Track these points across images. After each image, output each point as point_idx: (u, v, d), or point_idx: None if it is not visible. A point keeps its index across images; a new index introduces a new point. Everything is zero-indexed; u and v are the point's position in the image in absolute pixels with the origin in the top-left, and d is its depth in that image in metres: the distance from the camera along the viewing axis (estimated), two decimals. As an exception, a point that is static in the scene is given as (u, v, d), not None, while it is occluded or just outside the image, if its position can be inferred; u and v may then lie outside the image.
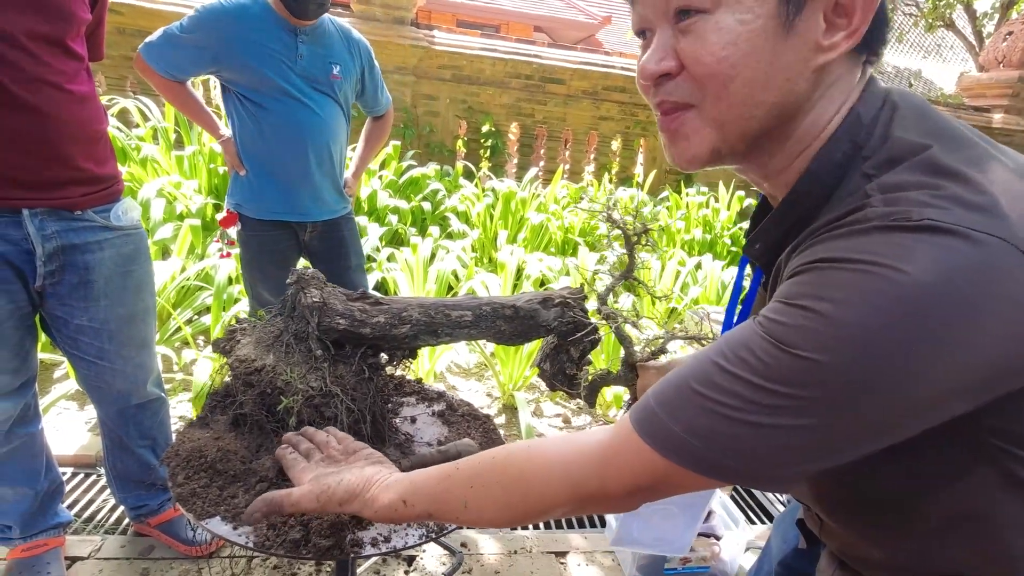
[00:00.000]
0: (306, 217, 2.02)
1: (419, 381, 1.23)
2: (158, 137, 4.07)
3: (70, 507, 1.87)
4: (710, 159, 0.59)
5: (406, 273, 3.18)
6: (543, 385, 3.10)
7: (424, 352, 2.67)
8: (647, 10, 0.58)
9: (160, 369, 1.64)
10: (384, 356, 1.06)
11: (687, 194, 5.37)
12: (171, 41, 1.82)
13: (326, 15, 1.92)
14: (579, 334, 1.11)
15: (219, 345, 0.94)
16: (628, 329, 1.13)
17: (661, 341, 1.12)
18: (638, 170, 6.14)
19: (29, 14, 1.16)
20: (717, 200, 5.39)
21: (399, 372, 1.13)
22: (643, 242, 1.13)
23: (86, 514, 1.86)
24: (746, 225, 4.90)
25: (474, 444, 0.97)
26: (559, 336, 1.16)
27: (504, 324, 1.08)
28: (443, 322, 1.04)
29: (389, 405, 1.07)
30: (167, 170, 3.83)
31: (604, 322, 1.11)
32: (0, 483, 1.44)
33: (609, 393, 2.69)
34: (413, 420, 1.10)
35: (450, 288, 3.29)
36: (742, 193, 5.36)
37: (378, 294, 1.14)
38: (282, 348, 0.91)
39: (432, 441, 1.03)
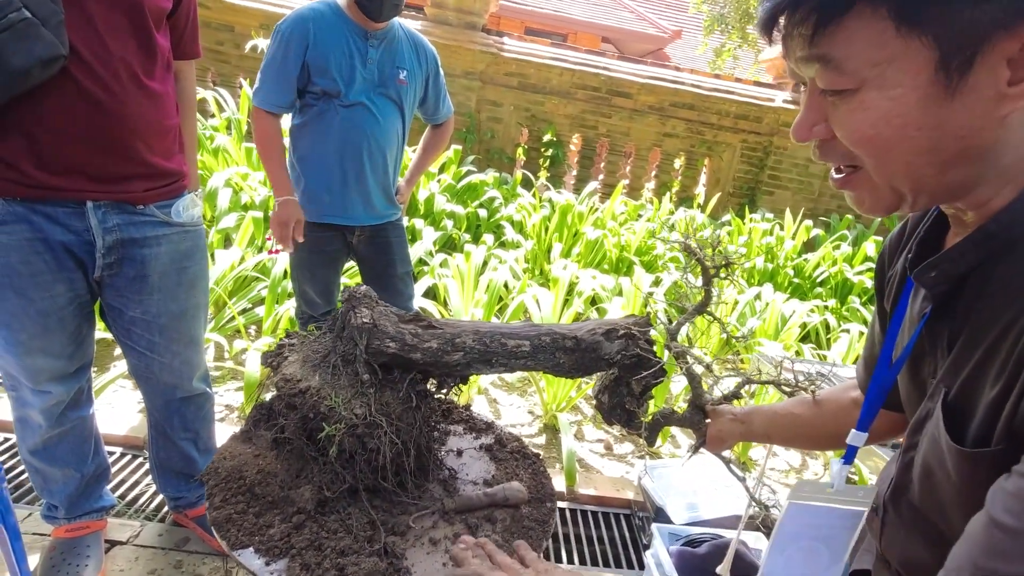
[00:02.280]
0: (355, 221, 2.02)
1: (467, 408, 1.16)
2: (231, 128, 4.19)
3: (115, 488, 1.90)
4: (892, 211, 0.56)
5: (457, 281, 3.15)
6: (587, 407, 3.01)
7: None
8: (798, 69, 0.56)
9: (207, 365, 1.64)
10: (433, 382, 1.01)
11: (751, 219, 5.15)
12: (269, 68, 1.84)
13: (396, 20, 1.91)
14: (645, 373, 1.02)
15: (268, 359, 0.91)
16: (698, 368, 1.04)
17: (736, 385, 1.03)
18: (699, 190, 5.95)
19: (110, 6, 1.16)
20: (782, 228, 5.15)
21: (447, 393, 1.07)
22: (723, 276, 1.04)
23: (130, 496, 1.89)
24: (812, 256, 4.67)
25: (523, 489, 0.90)
26: (621, 370, 1.08)
27: (564, 356, 1.01)
28: (498, 351, 0.97)
29: (436, 434, 1.01)
30: (236, 160, 3.94)
31: (673, 359, 1.02)
32: (50, 464, 1.46)
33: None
34: (459, 453, 1.04)
35: (500, 299, 3.24)
36: (810, 223, 5.10)
37: (433, 315, 1.09)
38: (328, 369, 0.86)
39: (478, 480, 0.97)
